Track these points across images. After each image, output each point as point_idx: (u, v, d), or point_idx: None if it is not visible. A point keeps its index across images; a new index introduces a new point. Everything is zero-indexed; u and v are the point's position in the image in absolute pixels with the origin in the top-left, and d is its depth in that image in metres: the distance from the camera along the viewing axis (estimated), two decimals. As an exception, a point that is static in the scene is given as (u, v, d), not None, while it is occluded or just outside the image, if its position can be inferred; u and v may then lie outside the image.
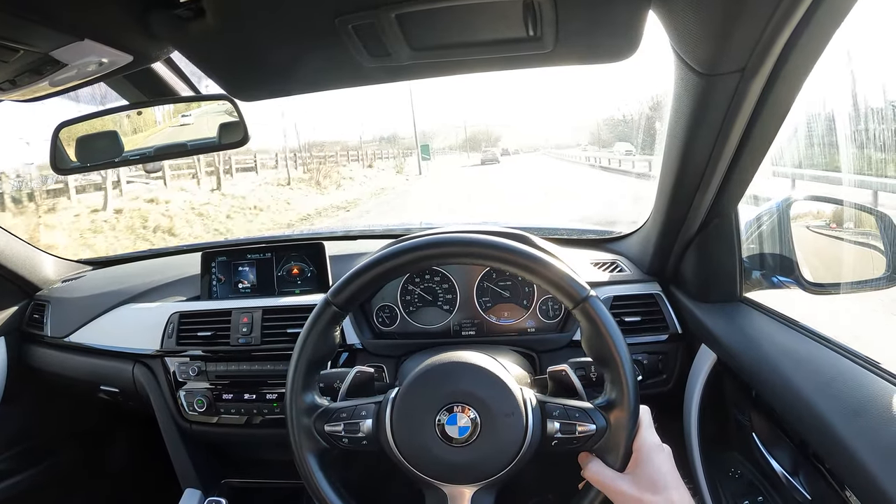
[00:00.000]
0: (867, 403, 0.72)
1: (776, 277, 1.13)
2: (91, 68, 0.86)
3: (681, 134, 0.92)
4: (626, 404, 0.76)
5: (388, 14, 0.71)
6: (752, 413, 1.04)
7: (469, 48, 0.81)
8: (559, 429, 0.78)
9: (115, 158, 1.19)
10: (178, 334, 1.41)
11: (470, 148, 68.64)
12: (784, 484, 0.91)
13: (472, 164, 39.98)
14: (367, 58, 0.82)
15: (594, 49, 0.82)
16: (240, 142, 1.10)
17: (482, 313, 1.36)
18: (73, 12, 0.71)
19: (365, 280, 0.82)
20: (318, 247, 1.49)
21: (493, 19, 0.75)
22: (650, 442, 0.75)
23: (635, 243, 1.43)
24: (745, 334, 1.04)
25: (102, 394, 1.58)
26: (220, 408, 1.38)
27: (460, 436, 0.76)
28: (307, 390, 0.83)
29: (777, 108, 0.83)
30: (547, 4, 0.69)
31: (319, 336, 0.83)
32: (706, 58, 0.75)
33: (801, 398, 0.79)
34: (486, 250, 0.80)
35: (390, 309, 1.39)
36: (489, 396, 0.78)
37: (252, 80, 0.95)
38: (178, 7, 0.71)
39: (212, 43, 0.80)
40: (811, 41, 0.70)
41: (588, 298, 0.78)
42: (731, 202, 1.06)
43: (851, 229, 1.12)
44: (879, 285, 0.99)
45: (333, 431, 0.80)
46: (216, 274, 1.51)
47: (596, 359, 0.81)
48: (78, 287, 1.71)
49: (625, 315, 1.27)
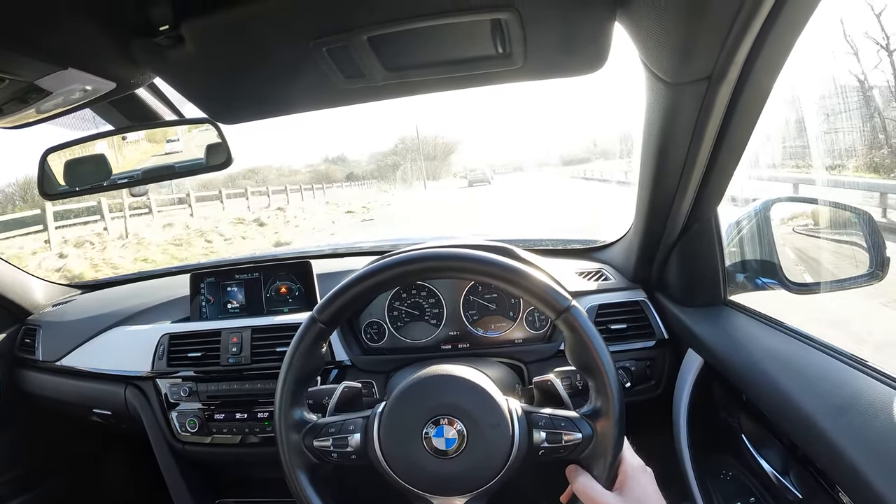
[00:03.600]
0: (852, 400, 0.72)
1: (760, 279, 1.14)
2: (76, 95, 0.87)
3: (654, 142, 0.94)
4: (612, 412, 0.77)
5: (360, 37, 0.73)
6: (740, 415, 1.04)
7: (441, 67, 0.83)
8: (545, 438, 0.78)
9: (104, 182, 1.19)
10: (168, 356, 1.42)
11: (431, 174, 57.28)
12: (775, 484, 0.91)
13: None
14: (342, 79, 0.84)
15: (563, 63, 0.83)
16: (224, 163, 1.11)
17: (469, 326, 1.37)
18: (56, 42, 0.72)
19: (349, 296, 0.83)
20: (306, 265, 1.50)
21: (463, 38, 0.76)
22: (635, 463, 0.77)
23: (619, 251, 1.44)
24: (731, 337, 1.04)
25: (95, 417, 1.58)
26: (213, 428, 1.38)
27: (447, 448, 0.77)
28: (295, 406, 0.83)
29: (748, 113, 0.84)
30: (514, 22, 0.70)
31: (306, 353, 0.83)
32: (672, 67, 0.76)
33: (787, 398, 0.80)
34: (465, 264, 0.81)
35: (378, 325, 1.39)
36: (475, 408, 0.78)
37: (232, 104, 0.96)
38: (158, 35, 0.72)
39: (191, 69, 0.82)
40: (775, 46, 0.71)
41: (569, 308, 0.79)
42: (710, 207, 1.07)
43: (832, 228, 1.14)
44: (862, 282, 1.00)
45: (322, 447, 0.81)
46: (205, 295, 1.52)
47: (580, 368, 0.82)
48: (69, 311, 1.71)
49: (611, 323, 1.28)
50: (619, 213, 1.32)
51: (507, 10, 0.69)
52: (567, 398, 0.86)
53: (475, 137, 77.08)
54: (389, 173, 45.97)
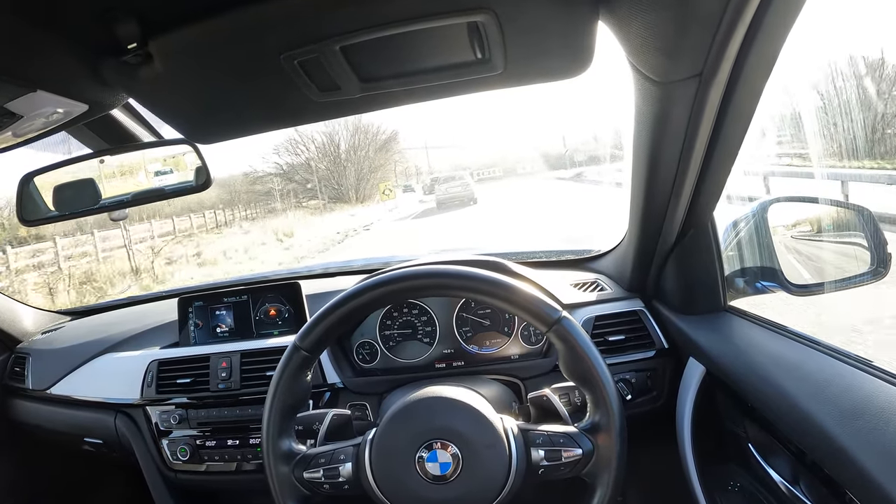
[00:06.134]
0: (863, 405, 0.70)
1: (760, 283, 1.13)
2: (49, 118, 0.86)
3: (646, 146, 0.92)
4: (612, 425, 0.75)
5: (332, 47, 0.71)
6: (746, 423, 1.02)
7: (419, 75, 0.81)
8: (544, 456, 0.77)
9: (93, 206, 1.18)
10: (157, 382, 1.39)
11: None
12: (785, 494, 0.89)
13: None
14: (316, 93, 0.82)
15: (546, 67, 0.81)
16: (203, 184, 1.09)
17: (463, 344, 1.35)
18: (21, 64, 0.71)
19: (330, 322, 0.82)
20: (295, 286, 1.48)
21: (440, 44, 0.75)
22: None
23: (614, 260, 1.42)
24: (733, 344, 1.03)
25: (87, 446, 1.55)
26: (205, 455, 1.35)
27: (442, 472, 0.75)
28: (283, 437, 0.82)
29: (742, 111, 0.82)
30: (491, 25, 0.69)
31: (290, 382, 0.83)
32: (661, 65, 0.75)
33: (794, 405, 0.78)
34: (448, 281, 0.80)
35: (370, 345, 1.37)
36: (468, 429, 0.77)
37: (207, 122, 0.95)
38: (126, 53, 0.71)
39: (163, 88, 0.80)
40: (767, 40, 0.70)
41: (560, 320, 0.77)
42: (706, 211, 1.05)
43: (832, 227, 1.12)
44: (864, 280, 0.99)
45: (313, 478, 0.79)
46: (194, 319, 1.50)
47: (576, 380, 0.80)
48: (58, 338, 1.69)
49: (609, 334, 1.25)
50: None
51: (483, 13, 0.67)
52: (565, 413, 0.85)
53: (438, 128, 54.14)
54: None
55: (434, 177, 24.60)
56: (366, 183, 27.72)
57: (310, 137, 27.80)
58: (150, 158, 1.16)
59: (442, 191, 18.82)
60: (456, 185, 18.72)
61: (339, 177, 28.31)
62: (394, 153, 30.11)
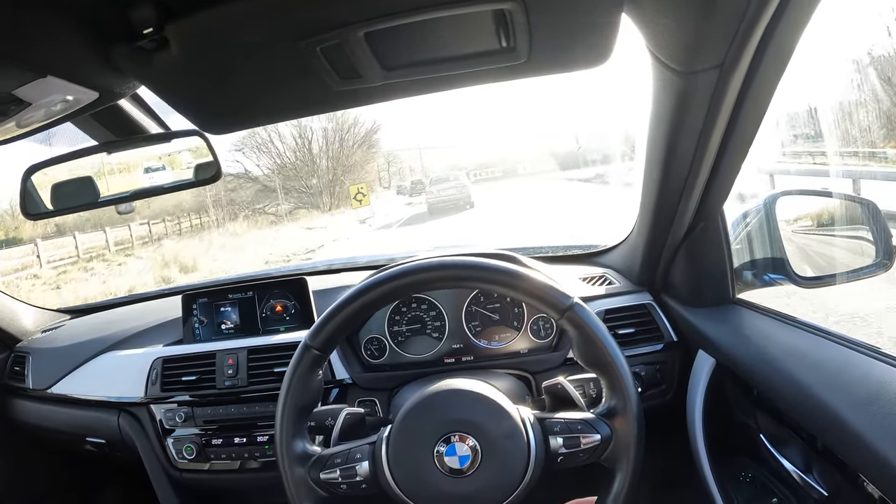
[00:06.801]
0: (878, 391, 0.70)
1: (768, 275, 1.14)
2: (57, 107, 0.85)
3: (663, 137, 0.92)
4: (629, 408, 0.76)
5: (356, 33, 0.70)
6: (756, 414, 1.02)
7: (442, 64, 0.80)
8: (563, 444, 0.77)
9: (95, 200, 1.17)
10: (162, 380, 1.37)
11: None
12: (798, 483, 0.89)
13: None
14: (337, 81, 0.81)
15: (569, 57, 0.81)
16: (213, 177, 1.08)
17: (472, 338, 1.34)
18: (34, 48, 0.69)
19: (341, 319, 0.82)
20: (301, 282, 1.47)
21: (465, 32, 0.74)
22: None
23: (622, 254, 1.42)
24: (742, 335, 1.03)
25: (89, 446, 1.53)
26: (211, 454, 1.33)
27: (462, 465, 0.75)
28: (297, 438, 0.81)
29: (757, 102, 0.83)
30: (518, 13, 0.68)
31: (302, 382, 0.82)
32: (684, 55, 0.75)
33: (807, 394, 0.78)
34: (459, 272, 0.80)
35: (378, 341, 1.36)
36: (486, 421, 0.76)
37: (221, 111, 0.93)
38: (141, 39, 0.69)
39: (177, 75, 0.79)
40: (787, 32, 0.71)
41: (573, 306, 0.78)
42: (717, 204, 1.06)
43: (838, 220, 1.14)
44: (871, 272, 1.00)
45: (330, 479, 0.79)
46: (198, 316, 1.48)
47: (590, 366, 0.80)
48: (58, 337, 1.67)
49: (618, 328, 1.26)
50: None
51: (511, 0, 0.66)
52: (580, 400, 0.85)
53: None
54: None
55: (416, 179, 22.34)
56: (340, 186, 22.33)
57: (277, 133, 22.09)
58: (147, 156, 1.15)
59: (433, 193, 16.54)
60: (450, 187, 16.47)
61: (308, 177, 22.70)
62: (376, 149, 24.71)
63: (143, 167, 1.16)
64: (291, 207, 22.06)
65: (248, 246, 15.00)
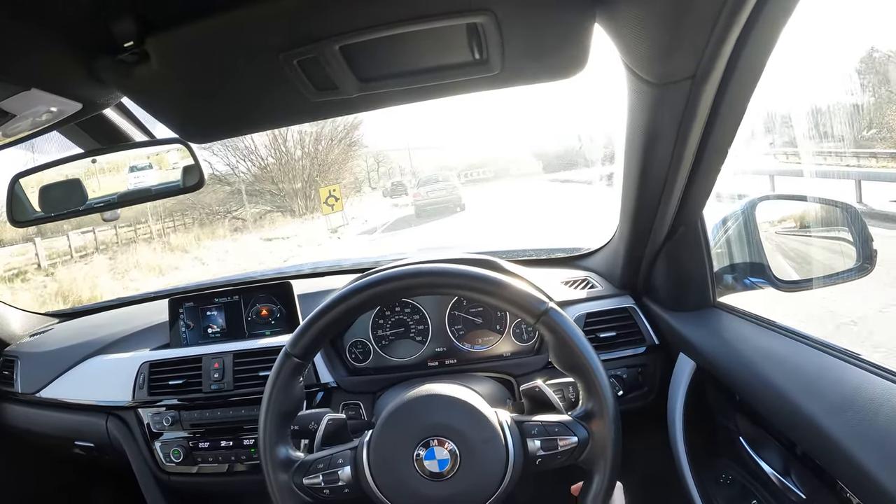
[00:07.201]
0: (852, 397, 0.71)
1: (748, 279, 1.14)
2: (42, 118, 0.86)
3: (639, 146, 0.93)
4: (605, 411, 0.76)
5: (332, 46, 0.71)
6: (736, 417, 1.03)
7: (417, 75, 0.81)
8: (541, 446, 0.78)
9: (80, 207, 1.17)
10: (149, 384, 1.38)
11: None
12: (777, 486, 0.90)
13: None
14: (314, 92, 0.82)
15: (542, 68, 0.82)
16: (196, 185, 1.09)
17: (456, 342, 1.35)
18: (17, 62, 0.70)
19: (320, 327, 0.82)
20: (286, 286, 1.48)
21: (439, 45, 0.75)
22: None
23: (604, 258, 1.43)
24: (722, 339, 1.04)
25: (78, 449, 1.53)
26: (198, 457, 1.34)
27: (441, 469, 0.76)
28: (280, 444, 0.82)
29: (732, 111, 0.84)
30: (490, 26, 0.69)
31: (283, 389, 0.83)
32: (656, 67, 0.76)
33: (784, 398, 0.79)
34: (437, 279, 0.81)
35: (363, 344, 1.37)
36: (464, 425, 0.77)
37: (202, 122, 0.94)
38: (122, 52, 0.70)
39: (158, 87, 0.80)
40: (759, 43, 0.71)
41: (548, 311, 0.78)
42: (696, 209, 1.07)
43: (819, 224, 1.14)
44: (851, 276, 1.01)
45: (313, 484, 0.79)
46: (185, 320, 1.49)
47: (567, 370, 0.81)
48: (47, 341, 1.66)
49: (600, 331, 1.27)
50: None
51: (483, 14, 0.67)
52: (558, 402, 0.86)
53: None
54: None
55: (396, 180, 20.90)
56: (316, 187, 18.88)
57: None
58: (135, 156, 1.16)
59: (422, 195, 15.27)
60: (439, 188, 15.23)
61: (280, 179, 19.67)
62: (358, 146, 21.72)
63: (128, 166, 1.16)
64: (262, 212, 19.21)
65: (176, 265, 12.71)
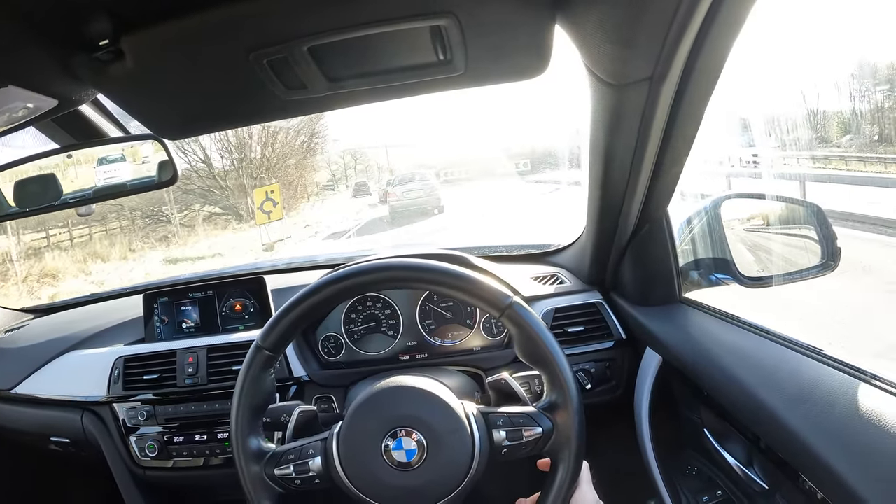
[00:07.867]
0: (810, 390, 0.74)
1: (714, 276, 1.16)
2: (18, 114, 0.86)
3: (601, 145, 0.95)
4: (569, 402, 0.77)
5: (300, 47, 0.73)
6: (701, 410, 1.06)
7: (384, 75, 0.83)
8: (506, 437, 0.79)
9: (55, 202, 1.17)
10: (124, 379, 1.38)
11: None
12: (741, 476, 0.92)
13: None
14: (284, 91, 0.83)
15: (505, 68, 0.84)
16: (171, 180, 1.09)
17: (426, 336, 1.37)
18: None
19: (290, 320, 0.83)
20: (259, 281, 1.48)
21: (404, 46, 0.77)
22: (590, 498, 0.79)
23: (574, 254, 1.45)
24: (688, 334, 1.06)
25: (53, 445, 1.52)
26: (173, 451, 1.34)
27: (409, 459, 0.76)
28: (252, 436, 0.82)
29: (691, 112, 0.86)
30: (453, 29, 0.71)
31: (254, 382, 0.83)
32: (614, 69, 0.78)
33: (745, 391, 0.82)
34: (404, 273, 0.82)
35: (335, 339, 1.38)
36: (431, 416, 0.78)
37: (175, 119, 0.95)
38: (98, 50, 0.71)
39: (133, 84, 0.80)
40: (716, 45, 0.74)
41: (512, 304, 0.79)
42: (660, 207, 1.09)
43: (783, 223, 1.17)
44: (815, 273, 1.03)
45: (284, 475, 0.80)
46: (159, 315, 1.49)
47: (531, 362, 0.82)
48: (22, 336, 1.65)
49: (568, 326, 1.29)
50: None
51: (446, 17, 0.69)
52: (523, 394, 0.87)
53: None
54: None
55: (360, 180, 19.17)
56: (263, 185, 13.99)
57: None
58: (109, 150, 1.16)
59: (397, 195, 13.81)
60: (416, 188, 13.84)
61: (224, 175, 15.31)
62: (321, 138, 17.87)
63: (98, 158, 1.16)
64: (206, 215, 15.40)
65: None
